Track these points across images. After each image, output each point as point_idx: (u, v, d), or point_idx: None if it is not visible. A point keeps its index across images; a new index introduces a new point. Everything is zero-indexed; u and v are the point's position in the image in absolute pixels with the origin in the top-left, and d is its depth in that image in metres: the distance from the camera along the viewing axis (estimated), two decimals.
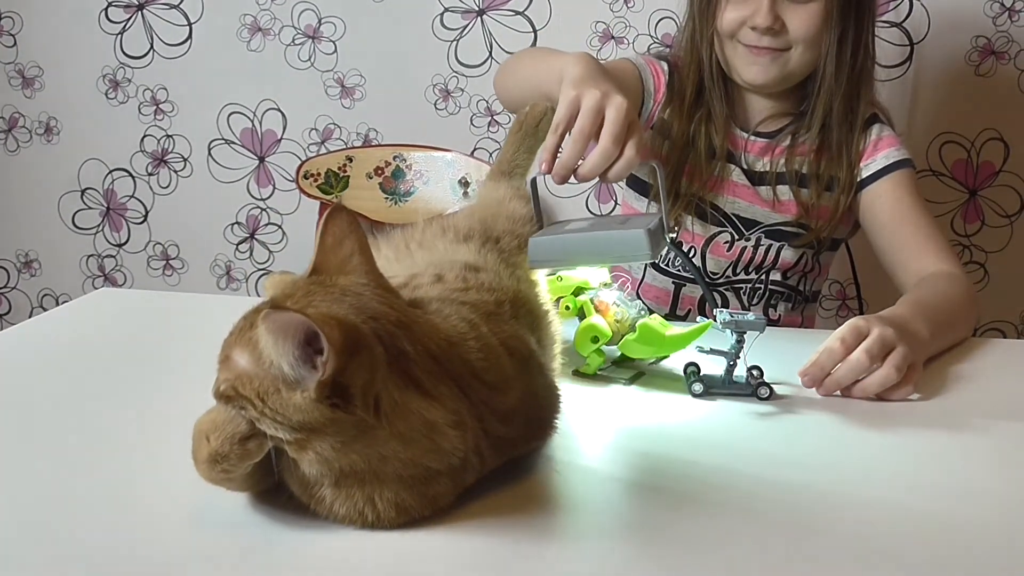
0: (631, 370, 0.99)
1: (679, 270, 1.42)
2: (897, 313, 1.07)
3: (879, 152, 1.35)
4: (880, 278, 1.36)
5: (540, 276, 0.95)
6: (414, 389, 0.62)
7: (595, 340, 0.96)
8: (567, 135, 0.97)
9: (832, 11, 1.28)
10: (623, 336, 0.96)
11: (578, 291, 0.99)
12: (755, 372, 0.95)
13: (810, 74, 1.34)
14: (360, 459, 0.61)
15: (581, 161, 0.97)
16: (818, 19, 1.28)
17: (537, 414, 0.74)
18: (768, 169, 1.38)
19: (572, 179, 0.98)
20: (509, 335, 0.72)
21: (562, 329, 0.92)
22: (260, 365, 0.59)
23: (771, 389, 0.92)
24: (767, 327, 0.92)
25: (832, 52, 1.30)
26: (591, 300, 0.98)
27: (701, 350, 0.94)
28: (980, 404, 0.95)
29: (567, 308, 0.98)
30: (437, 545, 0.62)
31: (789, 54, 1.30)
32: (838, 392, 0.95)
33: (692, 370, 0.96)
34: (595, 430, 0.85)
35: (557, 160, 0.97)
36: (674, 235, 0.96)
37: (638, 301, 1.01)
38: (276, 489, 0.65)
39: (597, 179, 0.97)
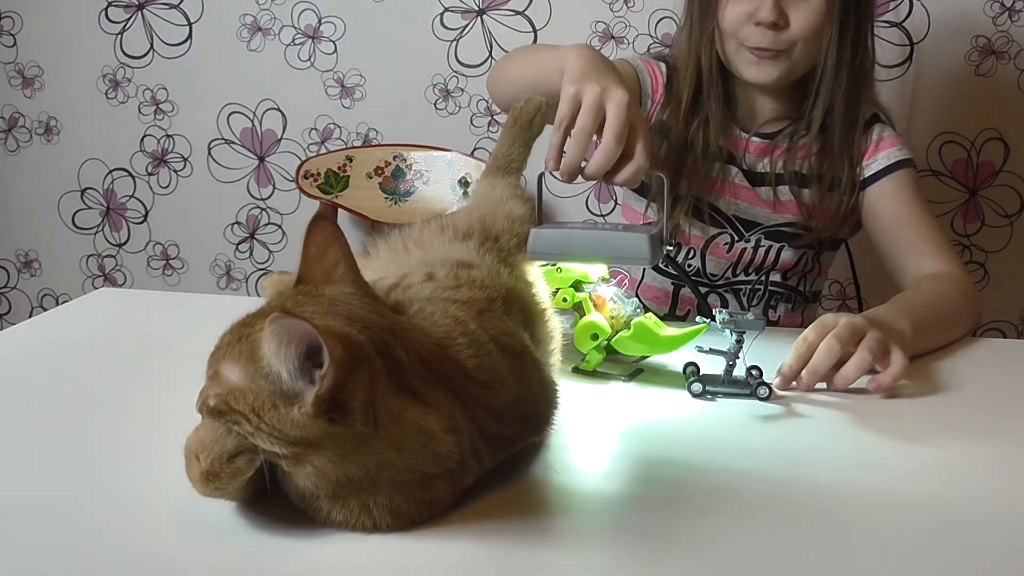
0: (629, 367, 0.99)
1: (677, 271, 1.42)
2: (873, 311, 1.08)
3: (880, 152, 1.35)
4: (880, 278, 1.36)
5: (538, 274, 0.95)
6: (409, 397, 0.61)
7: (595, 337, 0.96)
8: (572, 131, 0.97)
9: (833, 6, 1.28)
10: (617, 332, 0.96)
11: (577, 284, 0.99)
12: (754, 372, 0.95)
13: (810, 73, 1.33)
14: (357, 469, 0.60)
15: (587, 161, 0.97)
16: (820, 13, 1.27)
17: (533, 409, 0.74)
18: (768, 170, 1.37)
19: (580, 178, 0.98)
20: (501, 331, 0.72)
21: (560, 325, 0.92)
22: (255, 377, 0.58)
23: (770, 389, 0.92)
24: (767, 327, 0.92)
25: (833, 47, 1.29)
26: (589, 295, 0.98)
27: (700, 350, 0.94)
28: (980, 404, 0.95)
29: (564, 300, 0.98)
30: (435, 548, 0.62)
31: (791, 51, 1.29)
32: (823, 385, 0.95)
33: (691, 370, 0.96)
34: (594, 429, 0.85)
35: (563, 159, 0.97)
36: (671, 247, 0.97)
37: (635, 299, 1.01)
38: (276, 493, 0.64)
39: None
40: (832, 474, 0.77)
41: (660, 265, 1.42)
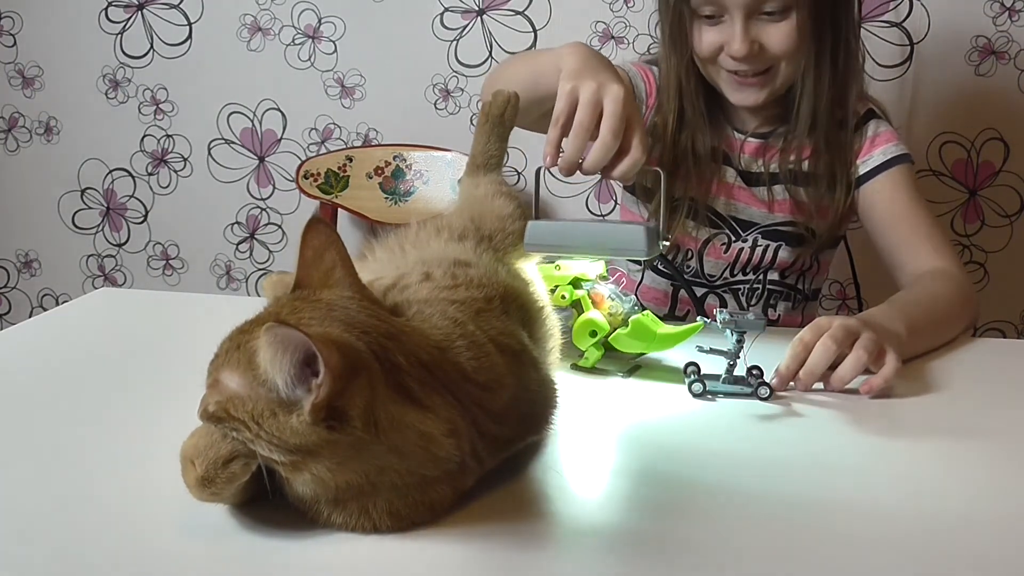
0: (626, 363, 0.99)
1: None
2: (868, 312, 1.07)
3: (876, 148, 1.34)
4: (880, 278, 1.36)
5: (536, 273, 0.95)
6: (408, 402, 0.61)
7: (593, 334, 0.96)
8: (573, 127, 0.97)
9: (806, 24, 1.25)
10: (615, 329, 0.97)
11: (575, 282, 0.99)
12: (755, 372, 0.95)
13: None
14: (357, 475, 0.60)
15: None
16: (794, 34, 1.24)
17: (532, 409, 0.74)
18: (764, 170, 1.37)
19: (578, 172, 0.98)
20: (499, 331, 0.71)
21: (559, 324, 0.92)
22: (254, 385, 0.58)
23: (771, 389, 0.92)
24: (767, 327, 0.93)
25: (810, 65, 1.28)
26: (587, 293, 0.98)
27: (701, 350, 0.94)
28: (980, 404, 0.95)
29: (563, 297, 0.98)
30: (434, 549, 0.62)
31: (774, 75, 1.28)
32: (820, 385, 0.95)
33: (692, 370, 0.96)
34: (594, 429, 0.85)
35: (562, 155, 0.97)
36: (667, 243, 0.97)
37: (632, 296, 1.01)
38: (276, 495, 0.64)
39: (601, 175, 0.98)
40: (833, 474, 0.77)
41: (659, 266, 1.42)
